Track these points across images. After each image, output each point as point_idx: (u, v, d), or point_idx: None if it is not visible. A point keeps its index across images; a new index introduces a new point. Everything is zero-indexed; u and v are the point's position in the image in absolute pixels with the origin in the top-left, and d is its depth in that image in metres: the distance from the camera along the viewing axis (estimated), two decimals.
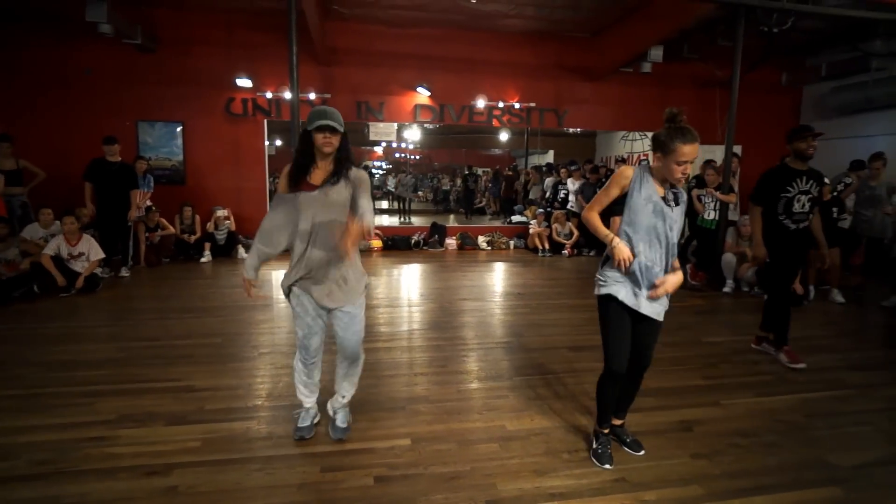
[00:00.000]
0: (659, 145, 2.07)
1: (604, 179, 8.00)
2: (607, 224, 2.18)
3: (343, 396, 2.53)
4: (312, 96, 8.02)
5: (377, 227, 8.95)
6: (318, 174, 2.22)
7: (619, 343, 2.18)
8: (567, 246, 8.09)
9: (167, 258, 7.08)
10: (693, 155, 2.01)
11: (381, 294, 5.59)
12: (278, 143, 18.17)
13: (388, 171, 18.78)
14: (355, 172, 2.24)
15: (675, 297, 2.14)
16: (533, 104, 8.65)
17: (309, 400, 2.52)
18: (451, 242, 8.76)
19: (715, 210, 5.73)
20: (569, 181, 8.53)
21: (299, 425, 2.49)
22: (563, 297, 5.55)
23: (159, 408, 2.77)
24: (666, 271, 2.14)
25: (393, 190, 15.29)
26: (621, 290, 2.15)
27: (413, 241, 8.66)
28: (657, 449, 2.43)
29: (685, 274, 6.14)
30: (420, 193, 20.08)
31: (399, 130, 14.67)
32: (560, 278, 6.57)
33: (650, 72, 7.61)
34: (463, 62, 8.33)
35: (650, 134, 9.46)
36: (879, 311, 5.10)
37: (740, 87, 8.85)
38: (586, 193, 8.01)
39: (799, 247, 3.43)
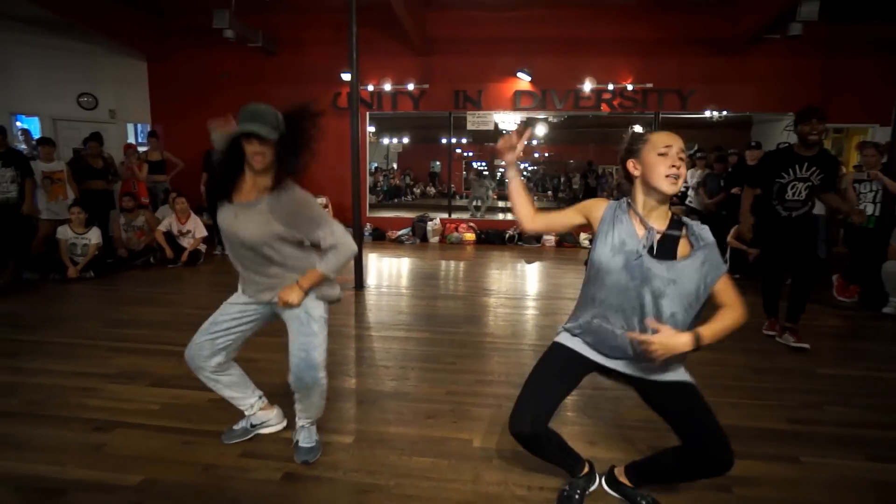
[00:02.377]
0: (629, 152, 1.54)
1: (730, 169, 6.62)
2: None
3: (298, 419, 2.03)
4: (410, 87, 8.05)
5: (472, 221, 8.67)
6: (247, 189, 1.78)
7: (531, 395, 1.55)
8: None
9: None
10: (674, 142, 1.47)
11: (431, 285, 5.31)
12: (402, 139, 18.99)
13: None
14: (287, 196, 1.73)
15: (806, 316, 1.40)
16: (650, 85, 7.54)
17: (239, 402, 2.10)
18: (549, 238, 8.08)
19: (875, 203, 4.26)
20: (689, 172, 7.24)
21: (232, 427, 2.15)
22: None
23: (156, 369, 2.85)
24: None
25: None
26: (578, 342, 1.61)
27: (507, 236, 8.19)
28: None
29: (831, 286, 4.74)
30: (549, 192, 19.27)
31: (531, 125, 14.15)
32: None
33: (800, 34, 6.03)
34: (567, 43, 7.60)
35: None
36: None
37: None
38: (709, 186, 6.68)
39: (791, 235, 3.24)
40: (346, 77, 8.08)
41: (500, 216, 9.81)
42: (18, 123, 8.06)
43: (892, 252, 4.14)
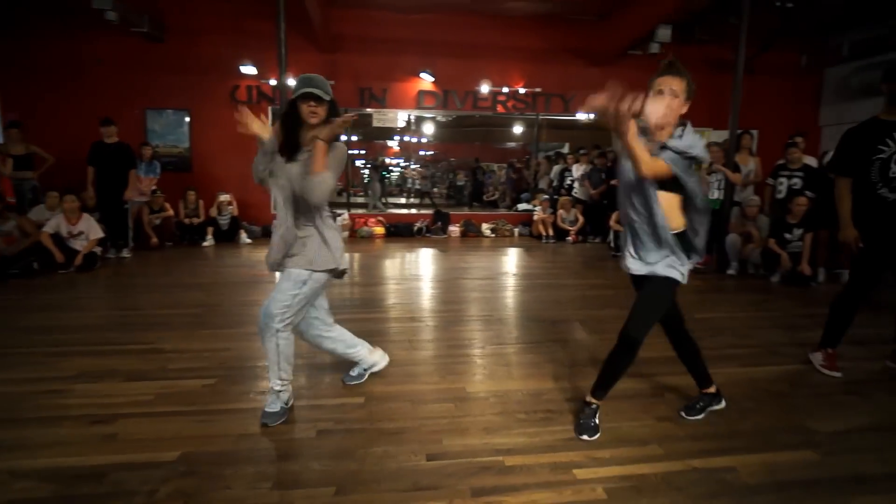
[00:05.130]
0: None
1: (610, 165, 7.80)
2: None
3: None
4: None
5: (381, 215, 8.93)
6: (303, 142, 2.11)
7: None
8: (571, 233, 7.91)
9: (170, 242, 7.18)
10: (670, 83, 1.86)
11: (373, 272, 5.55)
12: None
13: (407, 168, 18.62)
14: (335, 145, 2.11)
15: None
16: (539, 89, 8.50)
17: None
18: (455, 230, 8.66)
19: (720, 190, 5.49)
20: (574, 167, 8.34)
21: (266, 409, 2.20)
22: (562, 278, 5.42)
23: (122, 366, 2.76)
24: None
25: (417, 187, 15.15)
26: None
27: (416, 228, 8.59)
28: (620, 413, 2.29)
29: None
30: (435, 190, 20.05)
31: (416, 124, 14.63)
32: (561, 262, 6.41)
33: (658, 52, 7.36)
34: (467, 47, 8.22)
35: None
36: (890, 292, 4.77)
37: (756, 70, 8.56)
38: (593, 179, 7.81)
39: None
40: (247, 70, 7.82)
41: (404, 210, 10.18)
42: None
43: (732, 227, 5.39)
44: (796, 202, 4.85)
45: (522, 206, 9.51)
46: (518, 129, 15.45)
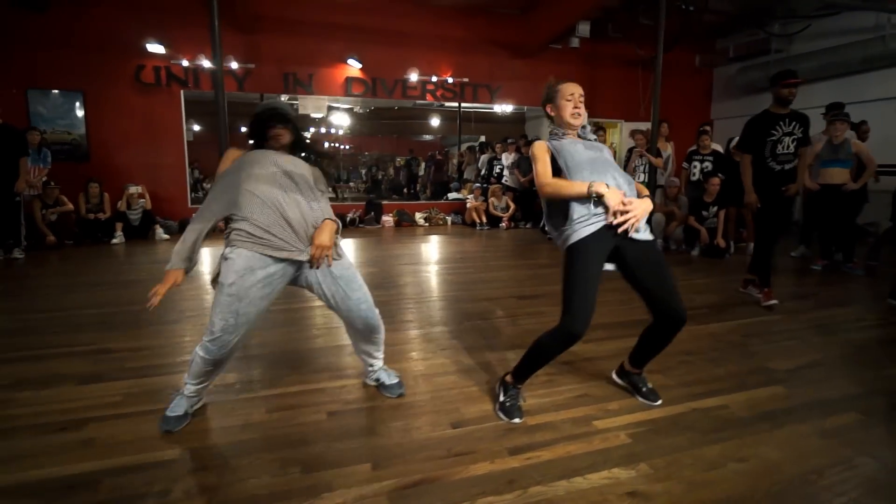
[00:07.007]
0: (547, 100, 2.04)
1: None
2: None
3: (371, 366, 2.20)
4: (234, 65, 7.49)
5: None
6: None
7: (586, 297, 1.78)
8: (504, 219, 8.17)
9: (70, 240, 6.32)
10: (577, 90, 1.99)
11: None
12: (196, 127, 16.95)
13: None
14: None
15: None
16: (466, 79, 8.64)
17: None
18: (388, 219, 8.56)
19: (644, 173, 6.00)
20: (503, 156, 8.61)
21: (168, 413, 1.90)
22: (503, 259, 5.59)
23: (69, 370, 2.40)
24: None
25: None
26: (591, 228, 1.84)
27: (349, 219, 8.37)
28: (611, 370, 2.44)
29: None
30: (352, 184, 19.57)
31: (328, 114, 14.15)
32: (500, 246, 6.59)
33: (578, 47, 7.82)
34: (395, 35, 8.13)
35: None
36: (789, 260, 5.55)
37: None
38: (523, 167, 8.12)
39: (782, 188, 3.52)
40: (153, 49, 7.08)
41: (336, 203, 9.86)
42: None
43: (657, 207, 5.90)
44: (711, 182, 5.44)
45: (453, 196, 9.64)
46: (435, 122, 15.54)
